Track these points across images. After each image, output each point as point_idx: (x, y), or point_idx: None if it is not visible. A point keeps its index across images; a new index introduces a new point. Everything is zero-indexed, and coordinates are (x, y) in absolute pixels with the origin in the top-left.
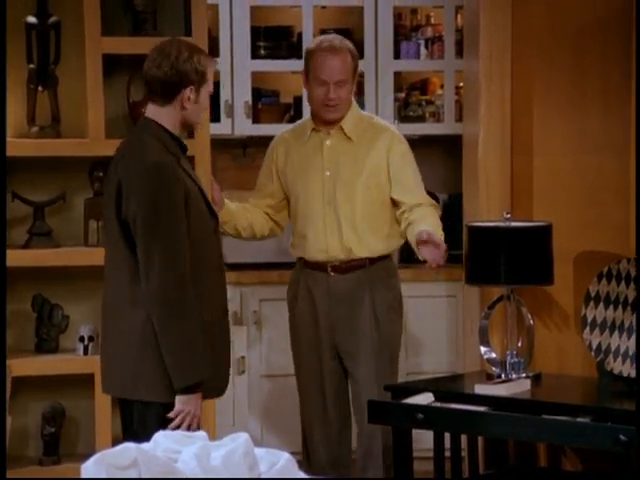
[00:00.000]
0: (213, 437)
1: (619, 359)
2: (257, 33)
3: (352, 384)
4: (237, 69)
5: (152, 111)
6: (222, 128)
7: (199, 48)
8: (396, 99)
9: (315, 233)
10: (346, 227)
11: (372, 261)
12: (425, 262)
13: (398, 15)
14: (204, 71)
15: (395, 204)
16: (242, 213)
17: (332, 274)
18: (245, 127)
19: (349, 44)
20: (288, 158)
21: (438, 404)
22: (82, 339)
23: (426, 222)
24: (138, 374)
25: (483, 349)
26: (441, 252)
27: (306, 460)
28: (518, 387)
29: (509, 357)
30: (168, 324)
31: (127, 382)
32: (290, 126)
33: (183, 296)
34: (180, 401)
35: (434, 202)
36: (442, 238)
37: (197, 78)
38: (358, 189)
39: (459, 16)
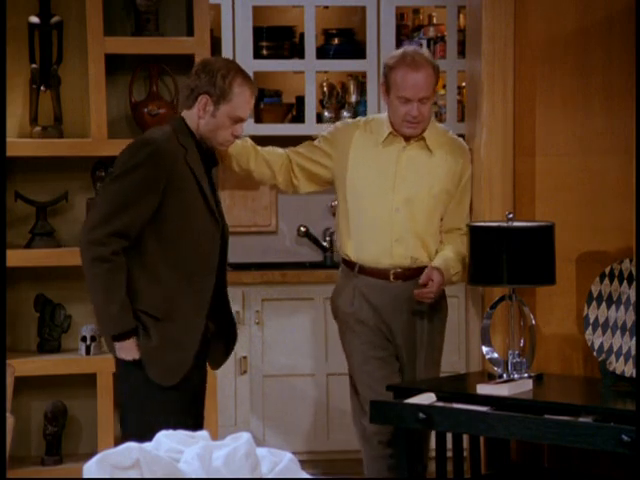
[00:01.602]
0: (215, 437)
1: (621, 359)
2: (259, 33)
3: None
4: None
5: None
6: None
7: (241, 71)
8: None
9: (381, 239)
10: (413, 236)
11: None
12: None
13: (400, 15)
14: (225, 89)
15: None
16: (248, 155)
17: (394, 281)
18: (248, 127)
19: (430, 56)
20: (358, 152)
21: (440, 404)
22: (84, 339)
23: (449, 253)
24: None
25: (485, 349)
26: (430, 293)
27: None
28: (520, 387)
29: (511, 357)
30: (88, 269)
31: None
32: (362, 118)
33: (107, 250)
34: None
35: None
36: (458, 273)
37: (214, 91)
38: (430, 202)
39: (461, 16)
